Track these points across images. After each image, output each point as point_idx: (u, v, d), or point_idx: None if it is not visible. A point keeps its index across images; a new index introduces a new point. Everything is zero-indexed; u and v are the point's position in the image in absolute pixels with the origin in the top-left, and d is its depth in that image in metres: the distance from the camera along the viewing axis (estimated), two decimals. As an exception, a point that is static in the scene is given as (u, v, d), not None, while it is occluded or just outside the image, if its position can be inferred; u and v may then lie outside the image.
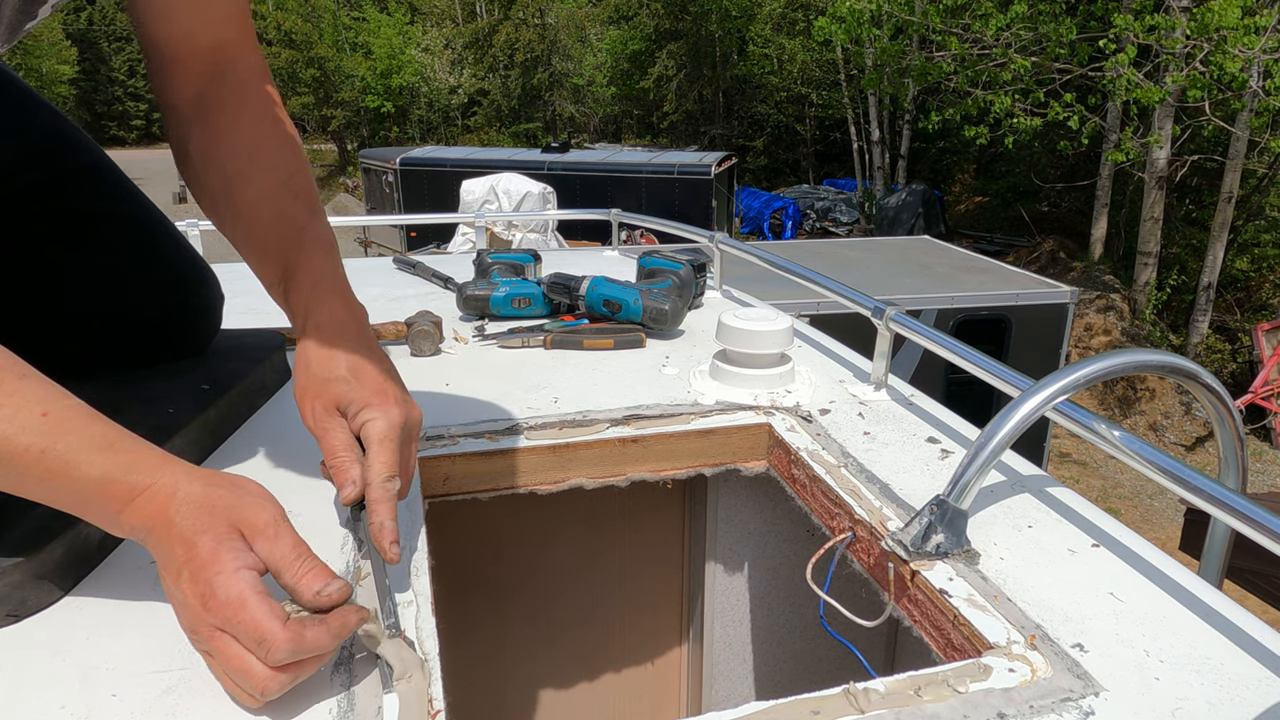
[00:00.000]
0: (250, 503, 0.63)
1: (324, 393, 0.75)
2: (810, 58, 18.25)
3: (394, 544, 0.69)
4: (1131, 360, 0.81)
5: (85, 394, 0.95)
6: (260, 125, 0.89)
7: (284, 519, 0.63)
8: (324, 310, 0.80)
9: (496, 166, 12.18)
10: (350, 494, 0.72)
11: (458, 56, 26.68)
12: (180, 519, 0.60)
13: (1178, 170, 10.81)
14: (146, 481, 0.61)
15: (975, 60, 10.08)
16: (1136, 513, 7.66)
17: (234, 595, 0.57)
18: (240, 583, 0.58)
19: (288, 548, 0.61)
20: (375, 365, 0.78)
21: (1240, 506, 0.65)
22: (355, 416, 0.75)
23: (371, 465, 0.72)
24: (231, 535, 0.60)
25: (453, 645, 1.37)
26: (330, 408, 0.75)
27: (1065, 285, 6.00)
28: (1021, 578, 0.76)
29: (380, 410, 0.74)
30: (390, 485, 0.72)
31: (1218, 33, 7.91)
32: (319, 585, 0.60)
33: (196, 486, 0.62)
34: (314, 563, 0.62)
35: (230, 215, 0.87)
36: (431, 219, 3.18)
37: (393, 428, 0.74)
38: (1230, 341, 10.69)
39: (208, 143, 0.88)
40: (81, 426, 0.62)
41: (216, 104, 0.88)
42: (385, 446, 0.73)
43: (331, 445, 0.73)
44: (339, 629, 0.59)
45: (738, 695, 1.44)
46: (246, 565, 0.59)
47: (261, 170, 0.87)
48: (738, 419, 1.11)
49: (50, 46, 33.80)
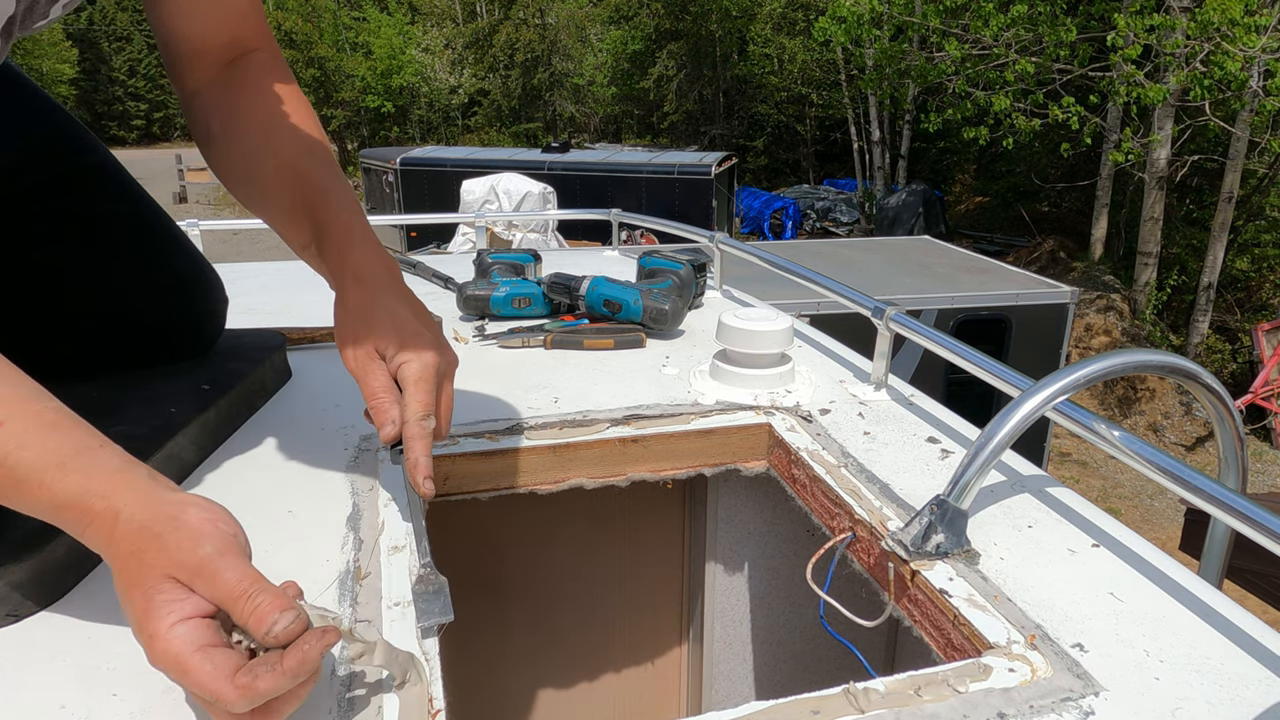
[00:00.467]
0: (182, 541, 0.57)
1: (363, 337, 0.78)
2: (810, 58, 18.26)
3: (428, 479, 0.74)
4: (1131, 360, 0.81)
5: (86, 394, 0.95)
6: (280, 101, 0.92)
7: (225, 550, 0.57)
8: (359, 261, 0.83)
9: (497, 166, 12.18)
10: (390, 432, 0.75)
11: (458, 56, 26.69)
12: (119, 562, 0.57)
13: (1178, 170, 10.81)
14: (96, 507, 0.58)
15: (975, 61, 10.08)
16: (1136, 513, 7.66)
17: (171, 658, 0.53)
18: (177, 644, 0.53)
19: (230, 585, 0.56)
20: (410, 311, 0.81)
21: (1240, 506, 0.65)
22: (393, 359, 0.78)
23: (408, 405, 0.76)
24: (163, 585, 0.55)
25: (453, 645, 1.37)
26: (370, 352, 0.78)
27: (1065, 285, 6.00)
28: (1021, 578, 0.76)
29: (415, 353, 0.78)
30: (426, 423, 0.76)
31: (1218, 31, 7.91)
32: (269, 625, 0.55)
33: (134, 524, 0.57)
34: (260, 597, 0.56)
35: (257, 187, 0.90)
36: (431, 219, 3.19)
37: (427, 368, 0.77)
38: (1230, 341, 10.69)
39: (228, 120, 0.91)
40: (37, 440, 0.59)
41: (236, 83, 0.92)
42: (421, 387, 0.77)
43: (372, 387, 0.77)
44: (296, 667, 0.54)
45: (738, 695, 1.44)
46: (183, 617, 0.54)
47: (283, 140, 0.90)
48: (738, 419, 1.11)
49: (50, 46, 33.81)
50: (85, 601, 0.71)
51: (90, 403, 0.92)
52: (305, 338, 1.32)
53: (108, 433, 0.86)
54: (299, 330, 1.32)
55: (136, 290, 1.04)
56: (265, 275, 1.89)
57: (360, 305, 0.80)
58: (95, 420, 0.88)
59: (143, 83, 42.52)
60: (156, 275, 1.04)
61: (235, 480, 0.92)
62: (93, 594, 0.72)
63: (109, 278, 1.02)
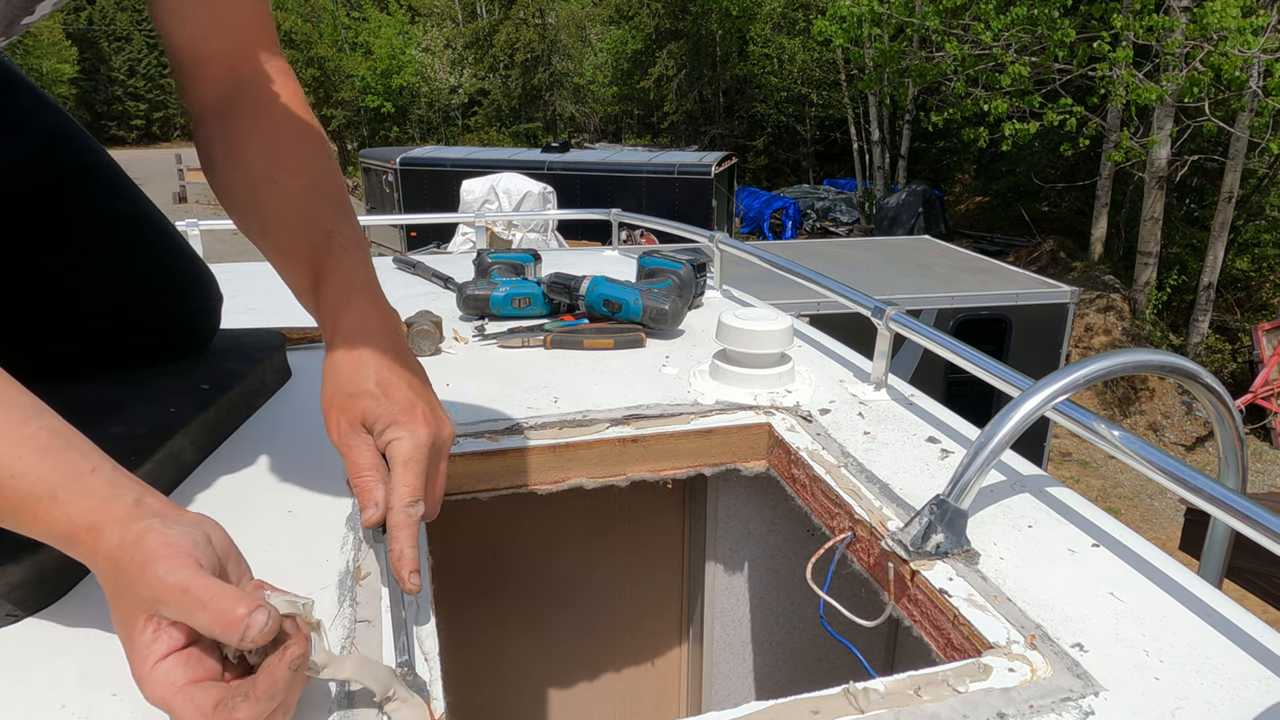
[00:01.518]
0: (139, 571, 0.55)
1: (350, 407, 0.72)
2: (810, 58, 18.26)
3: (414, 573, 0.65)
4: (1131, 360, 0.81)
5: (86, 394, 0.95)
6: (285, 127, 0.87)
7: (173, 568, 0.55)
8: (353, 317, 0.76)
9: (496, 166, 12.18)
10: (372, 516, 0.68)
11: (458, 56, 26.68)
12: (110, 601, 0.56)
13: (1178, 170, 10.81)
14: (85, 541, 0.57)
15: (974, 61, 10.08)
16: (1136, 513, 7.66)
17: (159, 701, 0.53)
18: (158, 688, 0.53)
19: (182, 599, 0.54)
20: (405, 378, 0.74)
21: (1240, 506, 0.65)
22: (381, 434, 0.71)
23: (394, 489, 0.68)
24: (138, 624, 0.54)
25: (452, 645, 1.37)
26: (355, 423, 0.71)
27: (1065, 285, 6.00)
28: (1021, 578, 0.76)
29: (407, 429, 0.70)
30: (413, 510, 0.68)
31: (1217, 33, 7.91)
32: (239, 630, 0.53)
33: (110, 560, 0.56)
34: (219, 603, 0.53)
35: (257, 221, 0.84)
36: (431, 219, 3.19)
37: (419, 448, 0.70)
38: (1230, 341, 10.69)
39: (230, 147, 0.85)
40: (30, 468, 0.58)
41: (238, 107, 0.86)
42: (410, 469, 0.69)
43: (356, 463, 0.70)
44: (269, 690, 0.53)
45: (738, 695, 1.44)
46: (159, 656, 0.54)
47: (287, 173, 0.84)
48: (738, 419, 1.11)
49: (50, 46, 33.81)
50: (85, 601, 0.71)
51: (90, 403, 0.93)
52: (305, 338, 1.32)
53: (108, 433, 0.86)
54: (299, 330, 1.33)
55: (134, 288, 1.04)
56: (265, 275, 1.88)
57: (350, 370, 0.73)
58: (95, 420, 0.89)
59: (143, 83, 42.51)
60: (152, 274, 1.04)
61: (235, 480, 0.92)
62: (93, 594, 0.72)
63: (105, 277, 1.02)
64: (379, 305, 0.79)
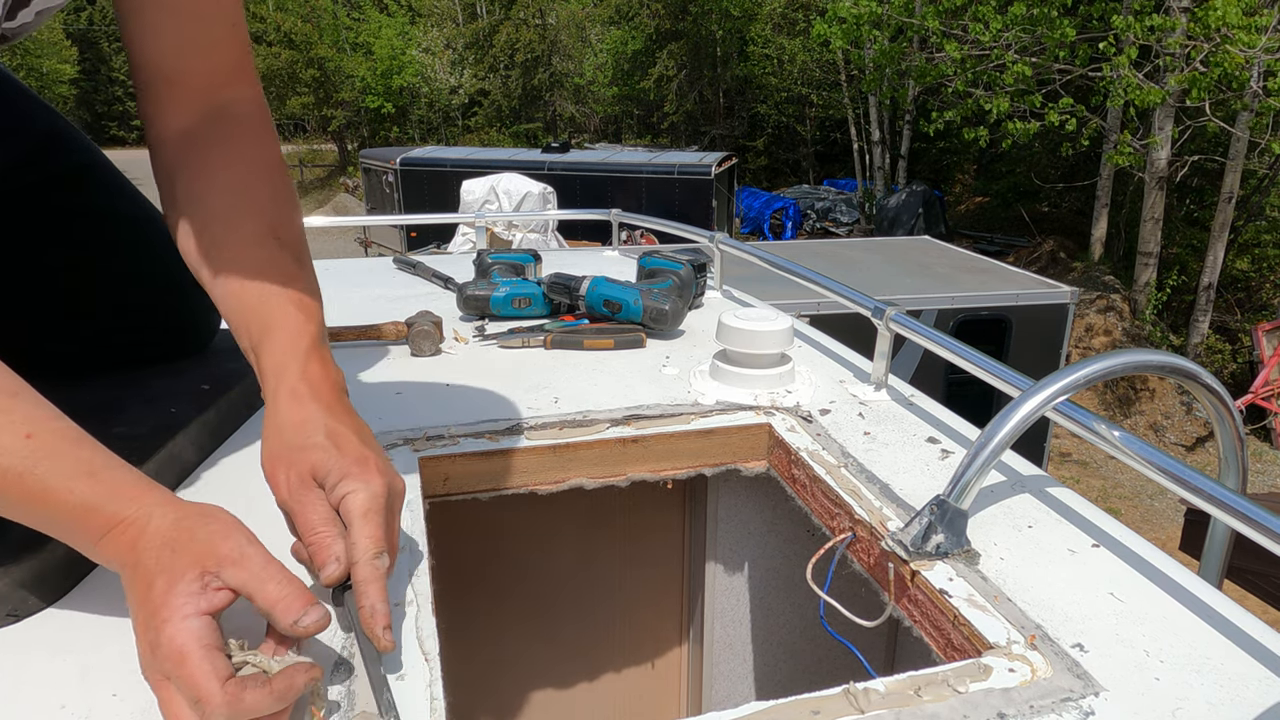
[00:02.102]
0: (216, 530, 0.59)
1: (298, 461, 0.68)
2: (810, 58, 18.26)
3: (387, 629, 0.63)
4: (1132, 360, 0.81)
5: (86, 394, 0.95)
6: (253, 167, 0.83)
7: (253, 541, 0.60)
8: (297, 372, 0.73)
9: (496, 166, 12.18)
10: (335, 572, 0.65)
11: (458, 57, 26.69)
12: (145, 557, 0.58)
13: (1178, 170, 10.81)
14: (123, 513, 0.59)
15: (974, 62, 10.08)
16: (1136, 513, 7.66)
17: (176, 647, 0.54)
18: (185, 633, 0.54)
19: (258, 569, 0.58)
20: (355, 431, 0.71)
21: (1240, 506, 0.65)
22: (334, 488, 0.67)
23: (357, 542, 0.65)
24: (189, 574, 0.56)
25: (453, 645, 1.37)
26: (306, 478, 0.68)
27: (1065, 285, 6.00)
28: (1021, 578, 0.76)
29: (361, 480, 0.67)
30: (379, 563, 0.65)
31: (1218, 32, 7.91)
32: (296, 614, 0.57)
33: (166, 520, 0.59)
34: (289, 586, 0.58)
35: (211, 262, 0.80)
36: (431, 219, 3.19)
37: (376, 499, 0.67)
38: (1231, 342, 10.68)
39: (194, 179, 0.82)
40: (66, 451, 0.61)
41: (207, 140, 0.83)
42: (370, 520, 0.66)
43: (309, 521, 0.67)
44: (283, 691, 0.55)
45: (738, 695, 1.44)
46: (198, 611, 0.55)
47: (249, 214, 0.80)
48: (738, 419, 1.11)
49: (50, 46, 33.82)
50: (86, 601, 0.71)
51: (90, 403, 0.93)
52: (305, 338, 1.32)
53: (108, 432, 0.86)
54: (299, 330, 1.32)
55: (133, 289, 1.04)
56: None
57: (295, 424, 0.70)
58: (95, 420, 0.88)
59: (143, 83, 42.39)
60: (151, 274, 1.04)
61: (235, 480, 0.92)
62: (93, 594, 0.72)
63: (103, 277, 1.02)
64: (325, 361, 0.76)
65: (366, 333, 1.36)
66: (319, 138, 28.87)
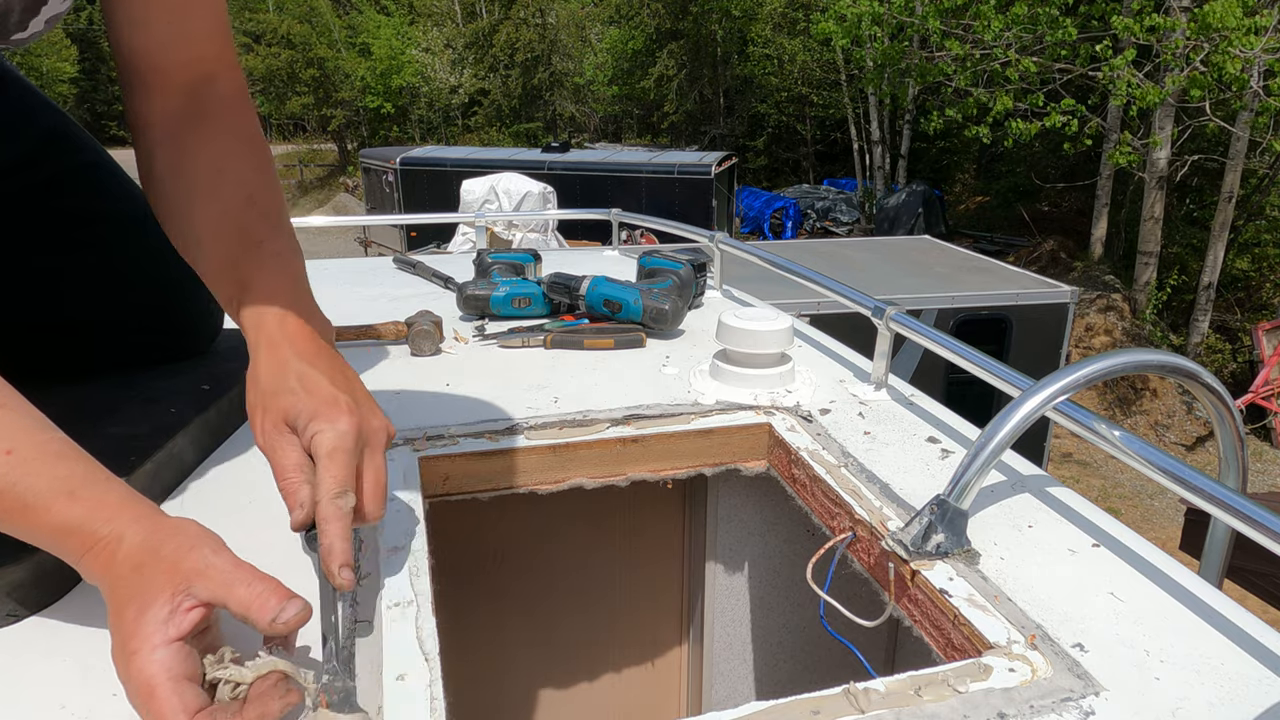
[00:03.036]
0: (181, 544, 0.58)
1: (272, 407, 0.69)
2: (811, 58, 18.26)
3: (344, 567, 0.62)
4: (1132, 360, 0.81)
5: (87, 394, 0.95)
6: (233, 143, 0.86)
7: (220, 549, 0.59)
8: (274, 323, 0.74)
9: (496, 166, 12.19)
10: (299, 517, 0.65)
11: (458, 56, 26.68)
12: (117, 583, 0.56)
13: (1178, 170, 10.81)
14: (99, 533, 0.58)
15: (976, 61, 10.08)
16: (1136, 513, 7.66)
17: (144, 681, 0.53)
18: (153, 666, 0.53)
19: (225, 576, 0.57)
20: (327, 373, 0.71)
21: (1240, 506, 0.65)
22: (304, 430, 0.68)
23: (321, 482, 0.65)
24: (160, 599, 0.55)
25: (453, 645, 1.37)
26: (279, 423, 0.68)
27: (1065, 285, 6.00)
28: (1021, 578, 0.76)
29: (328, 421, 0.67)
30: (341, 502, 0.65)
31: (1218, 33, 7.90)
32: (272, 611, 0.56)
33: (136, 540, 0.58)
34: (260, 585, 0.57)
35: (193, 233, 0.82)
36: (431, 219, 3.19)
37: (342, 437, 0.67)
38: (1231, 341, 10.69)
39: (179, 157, 0.84)
40: (46, 468, 0.59)
41: (190, 120, 0.85)
42: (335, 459, 0.66)
43: (281, 465, 0.67)
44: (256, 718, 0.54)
45: (738, 695, 1.44)
46: (167, 640, 0.54)
47: (228, 185, 0.83)
48: (738, 419, 1.11)
49: (50, 46, 33.82)
50: (85, 602, 0.71)
51: (90, 403, 0.93)
52: (305, 338, 1.32)
53: (107, 433, 0.86)
54: (299, 330, 1.32)
55: (136, 289, 1.03)
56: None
57: (270, 372, 0.71)
58: (95, 420, 0.89)
59: (143, 82, 42.38)
60: (153, 274, 1.04)
61: (235, 480, 0.92)
62: (93, 594, 0.71)
63: (105, 277, 1.02)
64: (306, 312, 0.77)
65: (366, 333, 1.36)
66: (319, 137, 28.88)
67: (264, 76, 25.88)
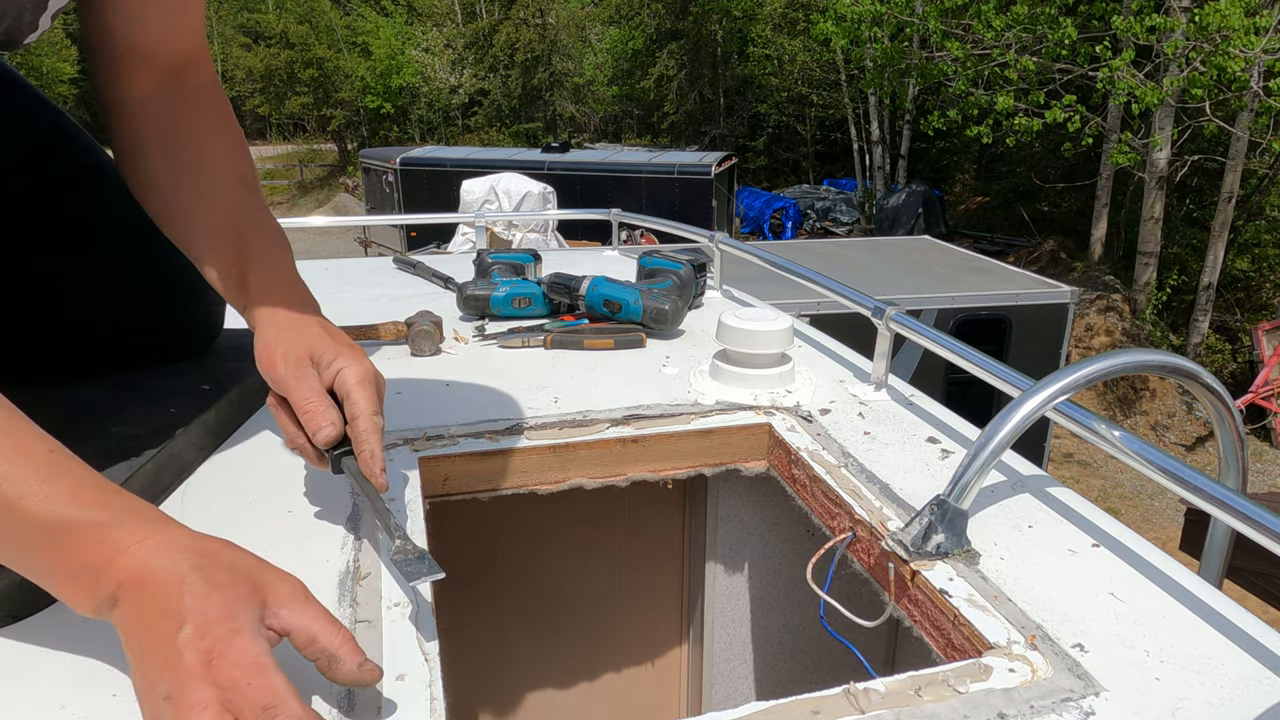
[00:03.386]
0: (276, 570, 0.59)
1: (296, 344, 0.77)
2: (811, 58, 18.27)
3: (383, 471, 0.72)
4: (1132, 360, 0.81)
5: (87, 395, 0.95)
6: (219, 125, 0.93)
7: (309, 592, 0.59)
8: (286, 287, 0.82)
9: (496, 166, 12.19)
10: (330, 434, 0.73)
11: (458, 56, 26.68)
12: (192, 573, 0.54)
13: (1178, 170, 10.81)
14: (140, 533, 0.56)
15: (976, 61, 10.08)
16: (1136, 513, 7.66)
17: (252, 656, 0.51)
18: (263, 643, 0.53)
19: (321, 613, 0.57)
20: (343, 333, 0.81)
21: (1240, 506, 0.65)
22: (329, 365, 0.76)
23: (357, 402, 0.74)
24: (253, 598, 0.55)
25: (453, 645, 1.37)
26: (303, 358, 0.76)
27: (1065, 285, 6.00)
28: (1021, 578, 0.76)
29: (353, 359, 0.77)
30: (378, 419, 0.74)
31: (1218, 33, 7.91)
32: (361, 659, 0.56)
33: (212, 544, 0.58)
34: (350, 634, 0.57)
35: (185, 202, 0.88)
36: (431, 219, 3.19)
37: (369, 373, 0.76)
38: (1231, 341, 10.69)
39: (168, 133, 0.89)
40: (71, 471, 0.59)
41: (178, 100, 0.91)
42: (365, 387, 0.75)
43: (303, 393, 0.75)
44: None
45: (738, 695, 1.44)
46: (265, 630, 0.55)
47: (220, 160, 0.89)
48: (738, 419, 1.11)
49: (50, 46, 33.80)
50: (85, 601, 0.71)
51: (90, 403, 0.93)
52: (305, 338, 1.32)
53: (108, 433, 0.86)
54: (299, 330, 1.32)
55: (137, 290, 1.03)
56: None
57: (291, 320, 0.79)
58: (95, 420, 0.89)
59: (143, 83, 42.41)
60: (154, 274, 1.04)
61: (235, 480, 0.91)
62: (93, 594, 0.72)
63: (106, 277, 1.02)
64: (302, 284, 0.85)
65: (366, 333, 1.36)
66: (319, 138, 28.86)
67: (263, 76, 25.89)
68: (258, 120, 33.08)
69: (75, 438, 0.84)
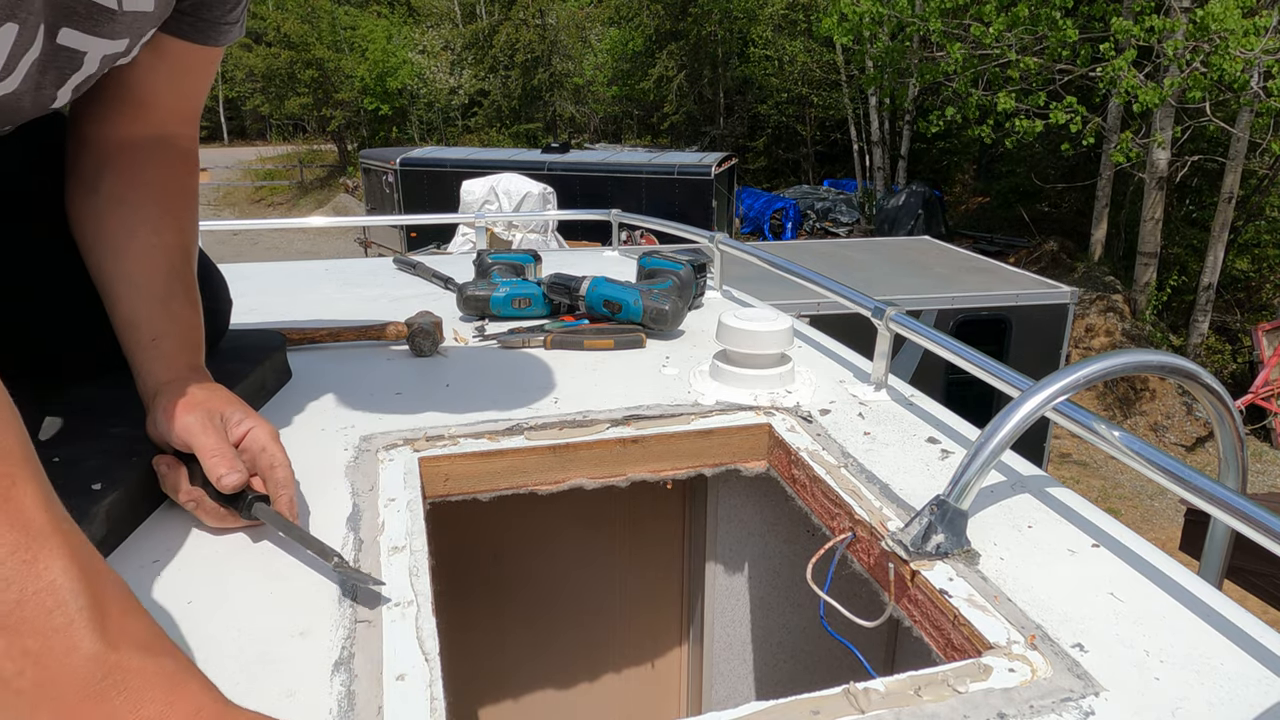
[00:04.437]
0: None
1: (205, 403, 0.82)
2: (811, 59, 18.28)
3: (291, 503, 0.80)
4: (1132, 360, 0.81)
5: (89, 394, 0.95)
6: (181, 191, 0.96)
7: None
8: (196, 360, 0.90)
9: (496, 167, 12.19)
10: (238, 479, 0.78)
11: (457, 57, 26.67)
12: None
13: (1178, 171, 10.81)
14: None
15: (976, 61, 10.08)
16: (1136, 513, 7.66)
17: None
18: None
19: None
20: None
21: (1240, 506, 0.65)
22: (239, 424, 0.82)
23: (275, 454, 0.81)
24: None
25: (453, 645, 1.37)
26: (213, 415, 0.82)
27: (1065, 286, 6.00)
28: (1021, 578, 0.76)
29: (262, 422, 0.84)
30: (291, 472, 0.82)
31: (1217, 34, 7.91)
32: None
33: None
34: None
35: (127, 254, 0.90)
36: (431, 219, 3.18)
37: (274, 433, 0.83)
38: (1231, 342, 10.69)
39: (126, 185, 0.92)
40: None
41: (148, 157, 0.94)
42: (277, 444, 0.83)
43: (215, 440, 0.79)
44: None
45: (738, 695, 1.44)
46: None
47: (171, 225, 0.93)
48: (738, 419, 1.11)
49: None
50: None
51: (92, 402, 0.93)
52: (305, 338, 1.33)
53: (108, 433, 0.86)
54: (299, 330, 1.33)
55: None
56: (265, 275, 1.89)
57: (202, 386, 0.84)
58: (97, 420, 0.89)
59: (143, 83, 42.36)
60: None
61: (235, 480, 0.91)
62: (93, 594, 0.72)
63: None
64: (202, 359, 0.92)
65: (366, 333, 1.36)
66: (319, 138, 28.85)
67: (264, 76, 25.87)
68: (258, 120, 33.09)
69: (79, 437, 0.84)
